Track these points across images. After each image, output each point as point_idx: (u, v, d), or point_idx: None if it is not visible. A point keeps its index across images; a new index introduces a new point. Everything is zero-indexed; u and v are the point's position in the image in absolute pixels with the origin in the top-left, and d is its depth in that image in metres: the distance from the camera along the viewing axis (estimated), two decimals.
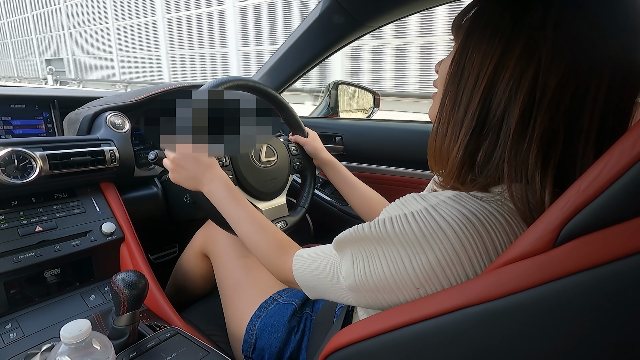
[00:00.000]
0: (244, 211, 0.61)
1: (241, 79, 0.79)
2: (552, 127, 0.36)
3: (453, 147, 0.41)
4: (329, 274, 0.46)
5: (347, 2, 0.85)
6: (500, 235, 0.36)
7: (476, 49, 0.40)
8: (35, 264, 0.67)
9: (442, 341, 0.34)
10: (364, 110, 1.46)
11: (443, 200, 0.38)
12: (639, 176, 0.24)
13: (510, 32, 0.37)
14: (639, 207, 0.25)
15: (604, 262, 0.25)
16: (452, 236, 0.35)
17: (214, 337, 0.79)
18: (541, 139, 0.36)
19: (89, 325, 0.43)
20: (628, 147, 0.25)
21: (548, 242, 0.29)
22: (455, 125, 0.41)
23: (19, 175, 0.68)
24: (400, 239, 0.38)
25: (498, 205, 0.37)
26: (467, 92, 0.40)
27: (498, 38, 0.38)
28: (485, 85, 0.38)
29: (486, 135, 0.39)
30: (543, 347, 0.28)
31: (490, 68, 0.38)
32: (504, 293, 0.30)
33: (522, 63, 0.36)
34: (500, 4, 0.39)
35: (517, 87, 0.37)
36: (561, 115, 0.36)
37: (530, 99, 0.36)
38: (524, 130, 0.37)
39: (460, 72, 0.41)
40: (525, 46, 0.36)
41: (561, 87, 0.35)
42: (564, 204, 0.28)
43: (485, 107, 0.39)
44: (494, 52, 0.38)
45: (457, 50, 0.42)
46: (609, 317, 0.25)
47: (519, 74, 0.37)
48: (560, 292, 0.27)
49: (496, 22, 0.38)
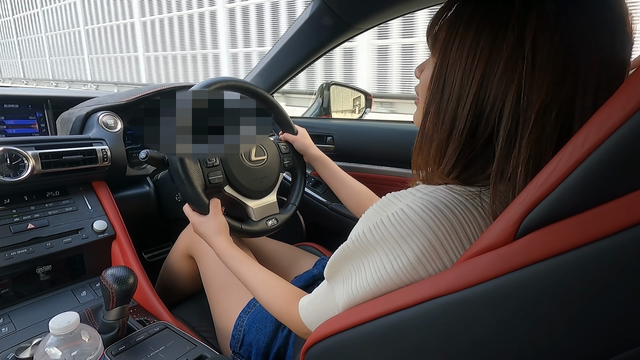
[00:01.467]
0: (248, 272, 0.63)
1: (231, 80, 0.80)
2: (539, 141, 0.35)
3: (440, 162, 0.41)
4: (332, 305, 0.47)
5: (335, 4, 0.86)
6: (472, 226, 0.37)
7: (454, 68, 0.39)
8: (27, 260, 0.68)
9: (415, 330, 0.36)
10: (356, 111, 1.48)
11: (419, 197, 0.38)
12: (588, 171, 0.26)
13: (489, 50, 0.36)
14: (590, 199, 0.26)
15: (560, 252, 0.27)
16: (425, 229, 0.36)
17: (204, 333, 0.80)
18: (529, 153, 0.35)
19: (77, 317, 0.44)
20: (579, 144, 0.27)
21: (509, 234, 0.30)
22: (441, 143, 0.41)
23: (11, 173, 0.70)
24: (381, 245, 0.38)
25: (472, 198, 0.38)
26: (451, 112, 0.39)
27: (478, 56, 0.37)
28: (470, 107, 0.37)
29: (472, 149, 0.39)
30: (507, 334, 0.30)
31: (473, 90, 0.37)
32: (471, 283, 0.32)
33: (505, 83, 0.35)
34: (474, 19, 0.37)
35: (502, 107, 0.36)
36: (548, 128, 0.34)
37: (515, 117, 0.35)
38: (512, 146, 0.36)
39: (441, 90, 0.40)
40: (506, 65, 0.35)
41: (546, 103, 0.34)
42: (523, 199, 0.30)
43: (472, 128, 0.38)
44: (474, 72, 0.37)
45: (437, 66, 0.41)
46: (565, 304, 0.27)
47: (503, 93, 0.36)
48: (521, 281, 0.29)
49: (473, 39, 0.37)
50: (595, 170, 0.26)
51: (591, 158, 0.26)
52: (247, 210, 0.81)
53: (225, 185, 0.77)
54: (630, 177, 0.25)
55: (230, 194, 0.78)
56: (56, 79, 14.85)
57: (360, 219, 0.43)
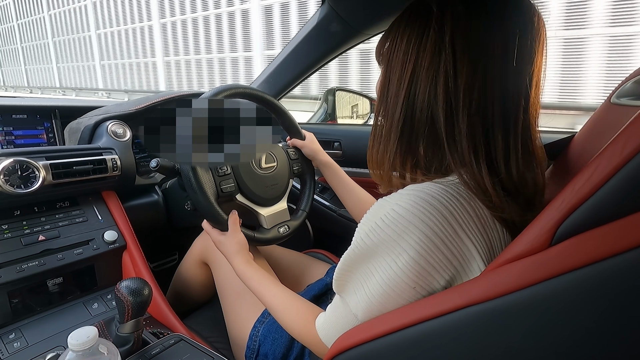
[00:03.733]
0: (267, 292, 0.63)
1: (239, 87, 0.80)
2: (471, 123, 0.42)
3: (385, 155, 0.48)
4: (349, 317, 0.46)
5: (343, 10, 0.86)
6: (461, 212, 0.39)
7: (394, 70, 0.46)
8: (39, 272, 0.68)
9: (444, 340, 0.35)
10: (361, 116, 1.47)
11: (406, 194, 0.40)
12: (629, 176, 0.26)
13: (417, 49, 0.44)
14: (630, 205, 0.26)
15: (599, 259, 0.26)
16: (418, 223, 0.38)
17: (216, 344, 0.79)
18: (467, 135, 0.42)
19: (96, 332, 0.44)
20: (618, 149, 0.26)
21: (545, 241, 0.30)
22: (387, 133, 0.47)
23: (22, 184, 0.69)
24: (381, 247, 0.40)
25: (455, 186, 0.41)
26: (392, 104, 0.46)
27: (409, 56, 0.44)
28: (404, 97, 0.45)
29: (416, 138, 0.45)
30: (543, 343, 0.29)
31: (406, 82, 0.44)
32: (504, 292, 0.31)
33: (432, 72, 0.42)
34: (407, 29, 0.45)
35: (434, 95, 0.42)
36: (474, 111, 0.41)
37: (448, 103, 0.42)
38: (452, 129, 0.42)
39: (385, 91, 0.47)
40: (432, 58, 0.42)
41: (468, 89, 0.41)
42: (559, 204, 0.29)
43: (408, 116, 0.45)
44: (407, 68, 0.44)
45: (382, 73, 0.49)
46: (606, 312, 0.26)
47: (432, 82, 0.42)
48: (558, 289, 0.28)
49: (407, 43, 0.45)
50: (636, 176, 0.26)
51: (631, 163, 0.25)
52: (259, 218, 0.81)
53: (237, 194, 0.77)
54: None
55: (242, 202, 0.78)
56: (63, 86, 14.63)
57: (357, 228, 0.45)
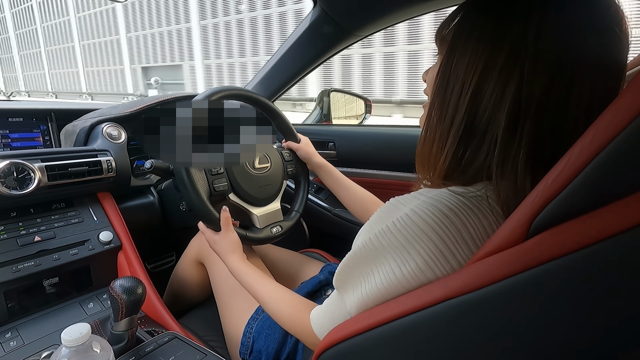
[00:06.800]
0: (261, 288, 0.63)
1: (234, 89, 0.81)
2: (539, 133, 0.37)
3: (440, 155, 0.43)
4: (343, 313, 0.47)
5: (335, 12, 0.88)
6: (477, 228, 0.37)
7: (460, 61, 0.41)
8: (35, 273, 0.68)
9: (428, 332, 0.36)
10: (356, 117, 1.48)
11: (423, 200, 0.39)
12: (597, 170, 0.26)
13: (492, 43, 0.38)
14: (599, 198, 0.27)
15: (572, 251, 0.27)
16: (431, 234, 0.37)
17: (211, 343, 0.80)
18: (529, 145, 0.37)
19: (89, 328, 0.45)
20: (587, 144, 0.27)
21: (520, 234, 0.31)
22: (442, 134, 0.42)
23: (18, 186, 0.70)
24: (389, 250, 0.39)
25: (477, 200, 0.38)
26: (453, 102, 0.41)
27: (481, 50, 0.39)
28: (470, 96, 0.39)
29: (472, 141, 0.40)
30: (520, 331, 0.30)
31: (475, 79, 0.39)
32: (482, 284, 0.32)
33: (505, 73, 0.37)
34: (482, 15, 0.40)
35: (501, 97, 0.38)
36: (547, 121, 0.37)
37: (516, 108, 0.37)
38: (511, 137, 0.37)
39: (445, 84, 0.42)
40: (508, 57, 0.37)
41: (545, 95, 0.36)
42: (533, 199, 0.30)
43: (471, 117, 0.40)
44: (477, 63, 0.39)
45: (442, 62, 0.43)
46: (577, 301, 0.27)
47: (502, 84, 0.37)
48: (533, 281, 0.29)
49: (478, 34, 0.39)
50: (604, 169, 0.26)
51: (599, 157, 0.26)
52: (252, 218, 0.82)
53: (230, 193, 0.78)
54: (638, 175, 0.25)
55: (234, 202, 0.79)
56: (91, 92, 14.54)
57: (365, 226, 0.44)
